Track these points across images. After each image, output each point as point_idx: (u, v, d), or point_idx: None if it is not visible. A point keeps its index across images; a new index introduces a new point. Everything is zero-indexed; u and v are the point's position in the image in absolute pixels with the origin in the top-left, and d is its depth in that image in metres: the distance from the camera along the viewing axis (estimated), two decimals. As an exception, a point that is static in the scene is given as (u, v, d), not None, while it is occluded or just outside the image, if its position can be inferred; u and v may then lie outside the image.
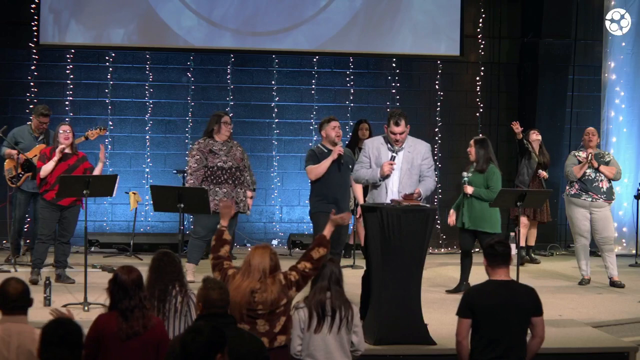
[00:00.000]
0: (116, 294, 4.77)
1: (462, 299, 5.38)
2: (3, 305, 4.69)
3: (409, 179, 7.11)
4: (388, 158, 7.11)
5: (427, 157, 7.25)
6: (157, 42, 11.96)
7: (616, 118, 12.43)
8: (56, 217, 8.80)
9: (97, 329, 4.75)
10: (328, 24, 12.15)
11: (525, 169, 11.19)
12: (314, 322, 5.23)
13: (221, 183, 8.89)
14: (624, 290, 9.32)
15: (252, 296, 5.19)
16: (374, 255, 6.71)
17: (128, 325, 4.69)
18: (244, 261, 5.33)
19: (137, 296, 4.76)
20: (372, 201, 7.16)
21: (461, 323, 5.32)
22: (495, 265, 5.36)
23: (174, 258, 5.40)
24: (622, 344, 7.09)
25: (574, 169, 9.60)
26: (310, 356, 5.23)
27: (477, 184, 8.90)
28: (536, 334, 5.37)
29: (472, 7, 12.64)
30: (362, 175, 7.24)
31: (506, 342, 5.23)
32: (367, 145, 7.32)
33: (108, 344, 4.68)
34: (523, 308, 5.30)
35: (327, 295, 5.25)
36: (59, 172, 8.62)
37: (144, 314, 4.75)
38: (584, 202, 9.52)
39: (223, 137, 9.09)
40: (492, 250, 5.37)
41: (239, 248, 11.75)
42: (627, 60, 12.45)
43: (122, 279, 4.77)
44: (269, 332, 5.24)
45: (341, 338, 5.26)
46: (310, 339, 5.23)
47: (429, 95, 12.67)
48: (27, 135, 9.84)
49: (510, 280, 5.38)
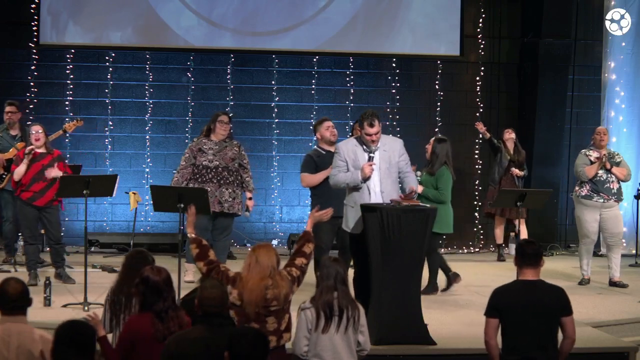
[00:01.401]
0: (149, 296, 4.74)
1: (490, 298, 5.38)
2: (3, 305, 4.68)
3: (389, 177, 7.11)
4: (365, 159, 7.08)
5: (403, 152, 7.24)
6: (157, 42, 11.96)
7: (616, 118, 12.43)
8: (34, 216, 8.79)
9: (130, 331, 4.74)
10: (328, 24, 12.15)
11: (496, 167, 11.41)
12: (322, 322, 5.23)
13: (205, 182, 8.86)
14: (624, 290, 9.32)
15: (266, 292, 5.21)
16: (374, 255, 6.70)
17: (164, 326, 4.68)
18: (249, 262, 5.31)
19: (170, 296, 4.76)
20: (353, 204, 7.12)
21: (488, 323, 5.31)
22: (522, 265, 5.36)
23: (146, 256, 5.38)
24: (622, 344, 7.09)
25: (587, 170, 9.38)
26: (317, 356, 5.22)
27: (427, 185, 8.89)
28: (567, 335, 5.35)
29: (472, 7, 12.64)
30: (341, 179, 7.15)
31: (534, 342, 5.22)
32: (341, 148, 7.21)
33: (143, 346, 4.67)
34: (550, 308, 5.28)
35: (334, 295, 5.25)
36: (33, 172, 8.66)
37: (177, 314, 4.76)
38: (595, 204, 9.37)
39: (219, 136, 9.06)
40: (521, 250, 5.39)
41: (239, 248, 11.76)
42: (627, 60, 12.45)
43: (154, 280, 4.75)
44: (277, 330, 5.27)
45: (348, 338, 5.26)
46: (318, 339, 5.23)
47: (429, 95, 12.67)
48: (4, 136, 9.84)
49: (537, 280, 5.36)
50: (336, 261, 5.40)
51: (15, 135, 9.88)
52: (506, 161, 11.35)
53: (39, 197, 8.68)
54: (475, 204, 12.59)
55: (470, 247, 12.54)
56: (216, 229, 9.00)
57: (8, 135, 9.87)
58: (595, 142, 9.56)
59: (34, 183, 8.65)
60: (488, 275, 10.15)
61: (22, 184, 8.69)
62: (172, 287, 4.85)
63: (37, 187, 8.63)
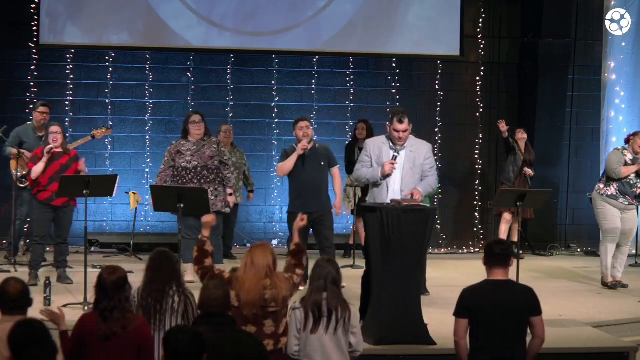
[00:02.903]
0: (98, 294, 4.79)
1: (459, 298, 5.38)
2: (3, 305, 4.69)
3: (411, 178, 7.11)
4: (389, 157, 7.10)
5: (429, 157, 7.26)
6: (157, 42, 11.96)
7: (616, 118, 12.44)
8: (50, 217, 8.78)
9: (79, 327, 4.79)
10: (328, 24, 12.15)
11: (511, 166, 11.49)
12: (310, 322, 5.21)
13: (185, 183, 8.87)
14: (624, 290, 9.31)
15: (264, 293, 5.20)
16: (374, 255, 6.71)
17: (106, 325, 4.69)
18: (245, 262, 5.31)
19: (117, 297, 4.75)
20: (372, 200, 7.15)
21: (458, 323, 5.32)
22: (492, 265, 5.34)
23: (171, 257, 5.39)
24: (622, 344, 7.08)
25: (622, 169, 9.24)
26: (307, 357, 5.21)
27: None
28: (536, 335, 5.35)
29: (472, 7, 12.64)
30: (362, 174, 7.24)
31: (504, 342, 5.21)
32: (369, 144, 7.32)
33: (89, 343, 4.70)
34: (520, 308, 5.28)
35: (323, 296, 5.23)
36: (51, 172, 8.63)
37: (124, 315, 4.74)
38: (620, 205, 9.28)
39: (195, 137, 9.06)
40: (490, 250, 5.37)
41: (239, 248, 11.76)
42: (627, 60, 12.45)
43: (102, 279, 4.78)
44: (275, 333, 5.25)
45: (338, 339, 5.24)
46: (307, 340, 5.21)
47: (429, 95, 12.67)
48: (31, 135, 9.85)
49: (507, 280, 5.35)
50: (330, 262, 5.39)
51: (42, 136, 9.81)
52: (520, 161, 11.40)
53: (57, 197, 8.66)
54: (475, 204, 12.59)
55: (470, 247, 12.54)
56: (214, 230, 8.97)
57: (34, 136, 9.85)
58: (634, 146, 9.38)
59: (52, 182, 8.60)
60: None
61: (39, 183, 8.66)
62: (124, 288, 4.80)
63: (55, 187, 8.57)
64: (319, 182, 8.82)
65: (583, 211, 12.28)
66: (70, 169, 8.73)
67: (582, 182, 12.47)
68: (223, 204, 9.02)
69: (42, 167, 8.65)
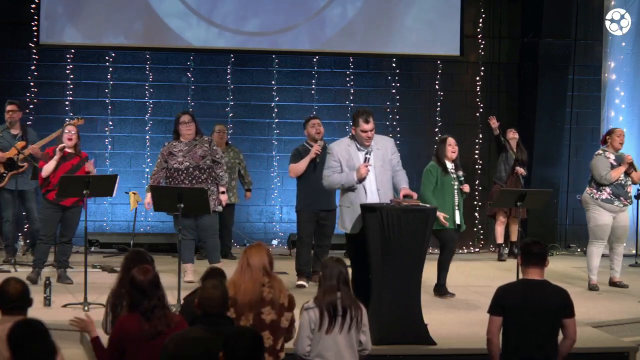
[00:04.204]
0: (135, 296, 4.78)
1: (494, 296, 5.38)
2: (3, 305, 4.68)
3: (384, 175, 7.13)
4: (360, 159, 7.09)
5: (395, 150, 7.30)
6: (157, 42, 11.95)
7: (616, 118, 12.43)
8: (57, 217, 8.79)
9: (120, 331, 4.77)
10: (328, 24, 12.15)
11: (503, 165, 11.51)
12: (325, 322, 5.20)
13: (178, 184, 8.87)
14: (624, 290, 9.31)
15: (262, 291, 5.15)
16: (374, 255, 6.70)
17: (151, 325, 4.70)
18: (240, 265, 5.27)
19: (156, 296, 4.78)
20: (349, 204, 7.12)
21: (491, 321, 5.32)
22: (528, 264, 5.35)
23: (146, 257, 5.38)
24: (622, 344, 7.09)
25: (612, 174, 9.19)
26: (319, 356, 5.21)
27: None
28: (567, 336, 5.35)
29: (472, 7, 12.64)
30: (335, 180, 7.16)
31: (535, 342, 5.22)
32: (334, 149, 7.22)
33: (133, 345, 4.70)
34: (552, 309, 5.28)
35: (337, 296, 5.23)
36: (62, 172, 8.59)
37: (165, 312, 4.77)
38: (615, 208, 9.22)
39: (186, 137, 9.06)
40: (527, 249, 5.37)
41: (239, 248, 11.75)
42: (627, 60, 12.45)
43: (139, 280, 4.78)
44: (273, 348, 5.17)
45: (351, 338, 5.25)
46: (321, 340, 5.21)
47: (429, 95, 12.67)
48: (5, 135, 9.84)
49: (542, 281, 5.35)
50: (339, 261, 5.38)
51: (16, 134, 9.86)
52: (512, 160, 11.42)
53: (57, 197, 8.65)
54: (475, 203, 12.58)
55: (471, 247, 12.54)
56: (201, 229, 8.98)
57: (9, 135, 9.87)
58: (614, 144, 9.36)
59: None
60: (488, 275, 10.16)
61: (49, 182, 8.65)
62: (159, 287, 4.84)
63: None
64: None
65: (583, 211, 12.21)
66: (80, 171, 8.72)
67: (582, 182, 12.38)
68: (215, 203, 9.02)
69: (53, 165, 8.63)
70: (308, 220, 9.09)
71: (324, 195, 8.87)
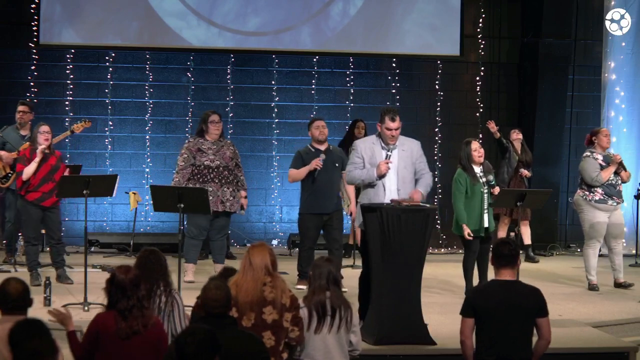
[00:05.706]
0: (114, 294, 4.80)
1: (465, 298, 5.39)
2: (3, 305, 4.69)
3: (407, 176, 7.11)
4: (382, 157, 7.08)
5: (421, 153, 7.27)
6: (157, 42, 11.95)
7: (616, 118, 12.43)
8: (38, 217, 8.72)
9: (96, 327, 4.79)
10: (328, 24, 12.15)
11: (505, 167, 11.30)
12: (314, 322, 5.20)
13: (207, 182, 8.88)
14: (624, 290, 9.31)
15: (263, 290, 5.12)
16: (374, 255, 6.70)
17: (127, 324, 4.72)
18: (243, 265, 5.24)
19: (135, 296, 4.78)
20: (367, 201, 7.09)
21: (464, 322, 5.31)
22: (499, 265, 5.35)
23: (160, 256, 5.39)
24: (622, 344, 7.09)
25: (603, 175, 9.17)
26: (308, 356, 5.20)
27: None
28: (542, 336, 5.35)
29: (472, 7, 12.64)
30: (356, 176, 7.17)
31: (509, 342, 5.21)
32: (359, 145, 7.25)
33: (107, 343, 4.72)
34: (526, 309, 5.27)
35: (326, 295, 5.22)
36: (43, 173, 8.59)
37: (143, 313, 4.78)
38: (609, 207, 9.22)
39: (213, 137, 9.08)
40: (497, 250, 5.37)
41: (239, 248, 11.76)
42: (627, 60, 12.45)
43: (119, 279, 4.80)
44: (275, 348, 5.11)
45: (340, 338, 5.24)
46: (310, 339, 5.20)
47: (429, 95, 12.67)
48: (13, 135, 9.80)
49: (514, 281, 5.35)
50: (328, 261, 5.37)
51: (25, 135, 9.77)
52: (515, 161, 11.27)
53: (47, 197, 8.62)
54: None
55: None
56: (214, 228, 9.02)
57: (18, 135, 9.82)
58: (602, 144, 9.33)
59: (43, 184, 8.59)
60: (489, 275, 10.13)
61: (30, 184, 8.62)
62: (140, 286, 4.84)
63: (46, 187, 8.57)
64: (331, 184, 9.01)
65: (583, 211, 12.28)
66: (60, 170, 8.70)
67: (582, 182, 12.46)
68: (238, 206, 9.06)
69: (34, 167, 8.57)
70: (311, 224, 8.98)
71: (327, 197, 8.88)
